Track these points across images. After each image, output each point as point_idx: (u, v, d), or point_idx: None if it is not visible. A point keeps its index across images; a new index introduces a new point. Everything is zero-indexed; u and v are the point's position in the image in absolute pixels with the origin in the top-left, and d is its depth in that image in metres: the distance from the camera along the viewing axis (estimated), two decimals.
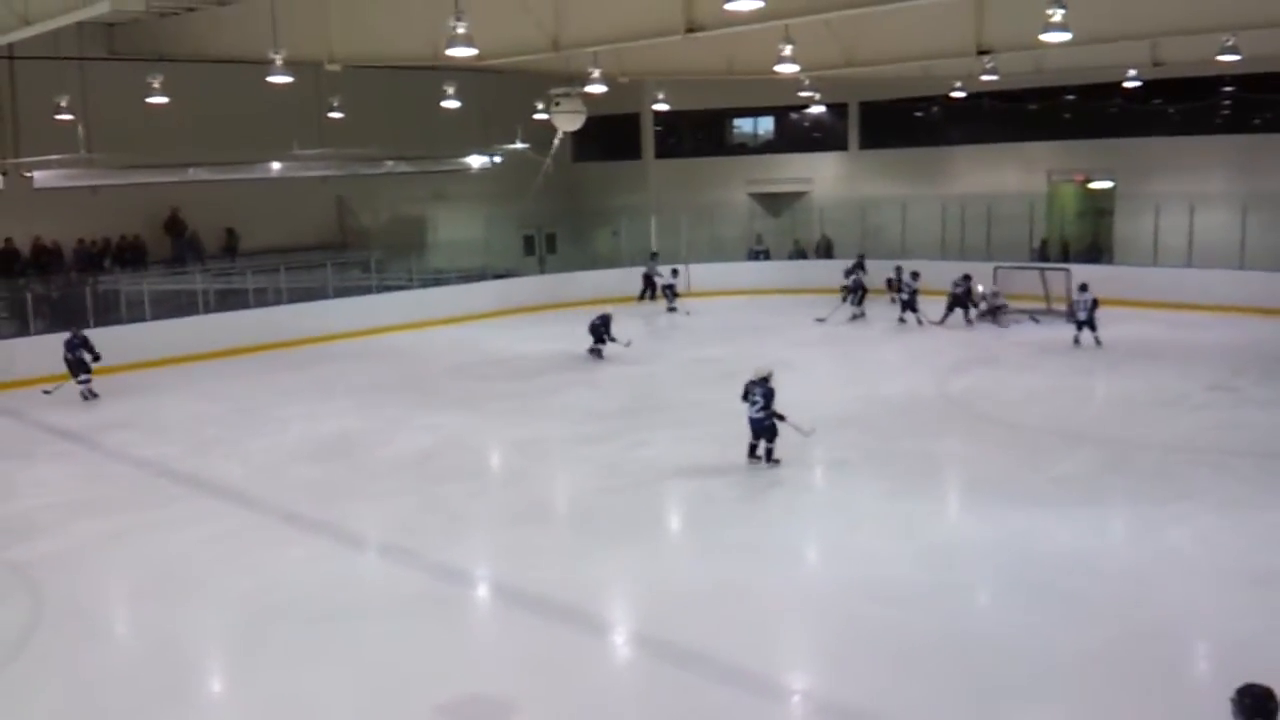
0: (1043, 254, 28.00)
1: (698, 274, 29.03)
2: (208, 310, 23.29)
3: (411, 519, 12.11)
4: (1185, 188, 25.80)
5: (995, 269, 24.46)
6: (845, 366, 19.91)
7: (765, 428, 13.31)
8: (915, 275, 24.01)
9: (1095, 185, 29.99)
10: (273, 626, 9.36)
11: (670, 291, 27.04)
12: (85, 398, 18.32)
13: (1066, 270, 23.62)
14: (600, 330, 21.08)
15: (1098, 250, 28.70)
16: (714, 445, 14.63)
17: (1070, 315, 21.38)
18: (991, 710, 7.65)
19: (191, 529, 11.98)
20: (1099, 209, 30.01)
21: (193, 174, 25.18)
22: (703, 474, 13.56)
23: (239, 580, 10.44)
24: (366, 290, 26.06)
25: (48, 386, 18.35)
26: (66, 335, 18.55)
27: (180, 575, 10.66)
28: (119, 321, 21.98)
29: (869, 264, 26.41)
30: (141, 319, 22.17)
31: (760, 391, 13.23)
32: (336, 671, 8.46)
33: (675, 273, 27.49)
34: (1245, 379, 17.68)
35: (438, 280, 28.09)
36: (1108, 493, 12.27)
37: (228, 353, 22.10)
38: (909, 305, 23.89)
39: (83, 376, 18.36)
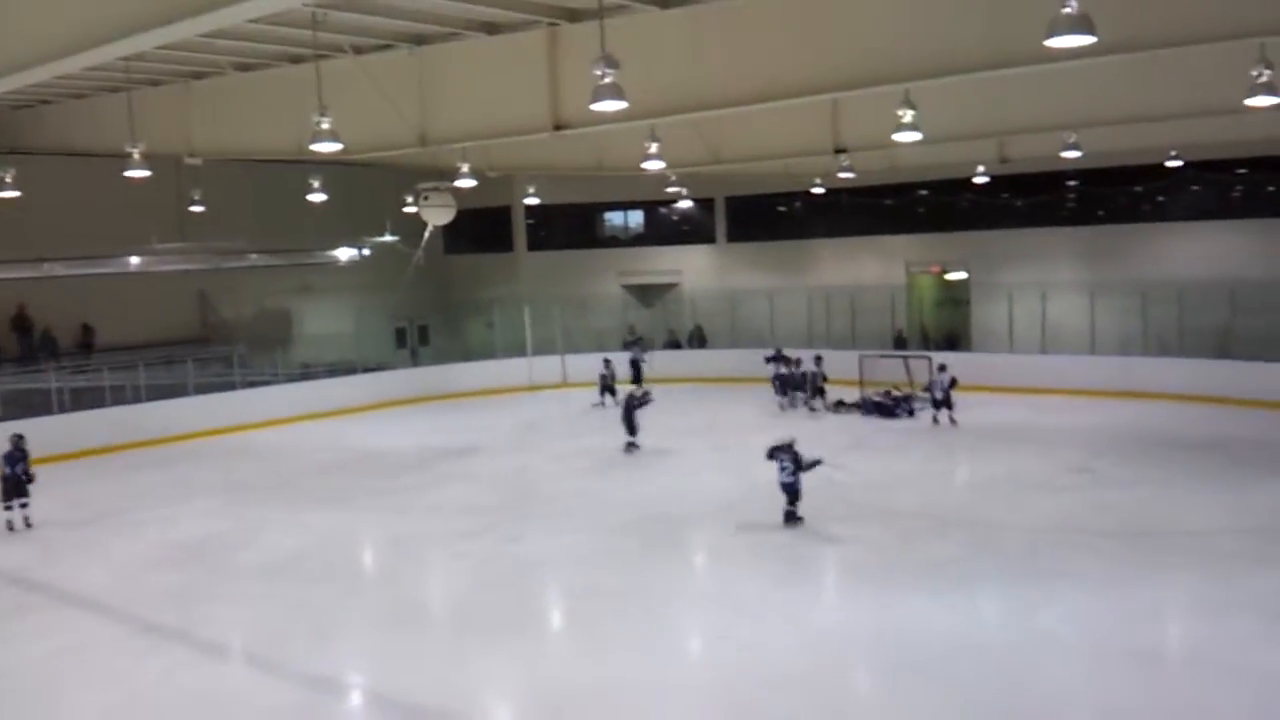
0: (901, 342, 28.79)
1: (573, 365, 29.08)
2: (62, 410, 22.30)
3: (278, 625, 11.66)
4: (1036, 277, 27.05)
5: (860, 357, 25.05)
6: (720, 455, 20.03)
7: (794, 490, 14.46)
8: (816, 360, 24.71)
9: (951, 276, 31.18)
10: None
11: (606, 380, 26.06)
12: (12, 527, 15.88)
13: (928, 358, 24.34)
14: (633, 412, 20.37)
15: (954, 338, 29.71)
16: (591, 536, 14.56)
17: (932, 399, 22.12)
18: None
19: (46, 640, 11.40)
20: (955, 298, 31.17)
21: (47, 269, 24.28)
22: (582, 567, 13.42)
23: (97, 694, 9.92)
24: (230, 386, 25.35)
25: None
26: (7, 447, 16.00)
27: (35, 690, 10.13)
28: None
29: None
30: None
31: (788, 456, 14.41)
32: None
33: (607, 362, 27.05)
34: (1104, 460, 18.33)
35: (305, 375, 27.54)
36: (980, 575, 12.50)
37: (84, 453, 21.18)
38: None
39: (23, 500, 15.96)
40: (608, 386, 25.71)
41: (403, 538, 15.11)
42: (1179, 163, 24.58)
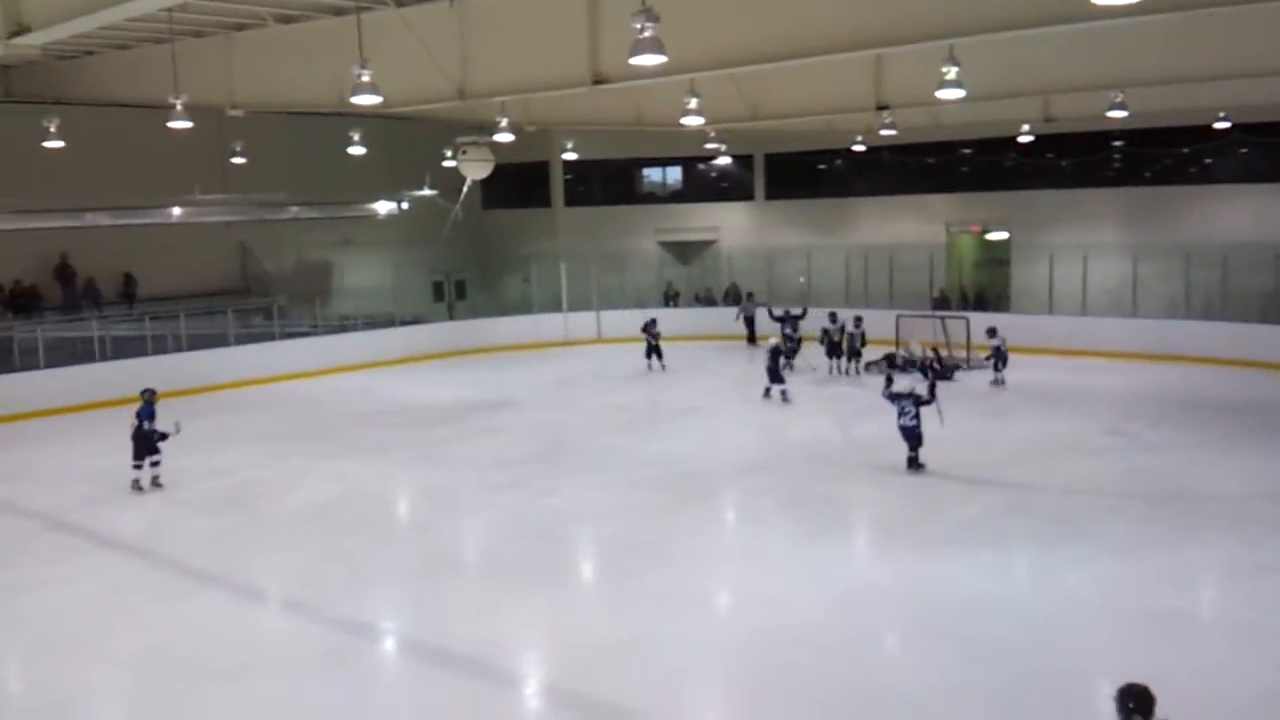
0: (942, 303, 28.59)
1: (608, 321, 29.15)
2: (104, 358, 22.63)
3: (314, 571, 11.84)
4: (1078, 238, 26.70)
5: (897, 317, 24.92)
6: (751, 412, 20.08)
7: (916, 435, 14.89)
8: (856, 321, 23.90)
9: (992, 236, 30.88)
10: (170, 685, 9.06)
11: (651, 342, 24.83)
12: (140, 487, 15.12)
13: (965, 319, 24.17)
14: (778, 361, 20.59)
15: (986, 300, 29.42)
16: (623, 492, 14.67)
17: (996, 360, 21.89)
18: None
19: (84, 584, 11.60)
20: (996, 259, 30.90)
21: (90, 219, 24.59)
22: (612, 521, 13.54)
23: (135, 637, 10.12)
24: (270, 337, 25.64)
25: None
26: (139, 404, 15.30)
27: (73, 632, 10.30)
28: (12, 369, 21.34)
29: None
30: (35, 367, 21.50)
31: (910, 401, 14.87)
32: None
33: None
34: (1138, 423, 18.22)
35: (344, 327, 27.77)
36: (1009, 536, 12.51)
37: (125, 401, 21.39)
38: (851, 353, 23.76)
39: (154, 459, 15.27)
40: (654, 348, 24.74)
41: (437, 489, 15.29)
42: (1226, 124, 24.14)
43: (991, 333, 21.97)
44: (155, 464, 15.29)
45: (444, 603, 10.83)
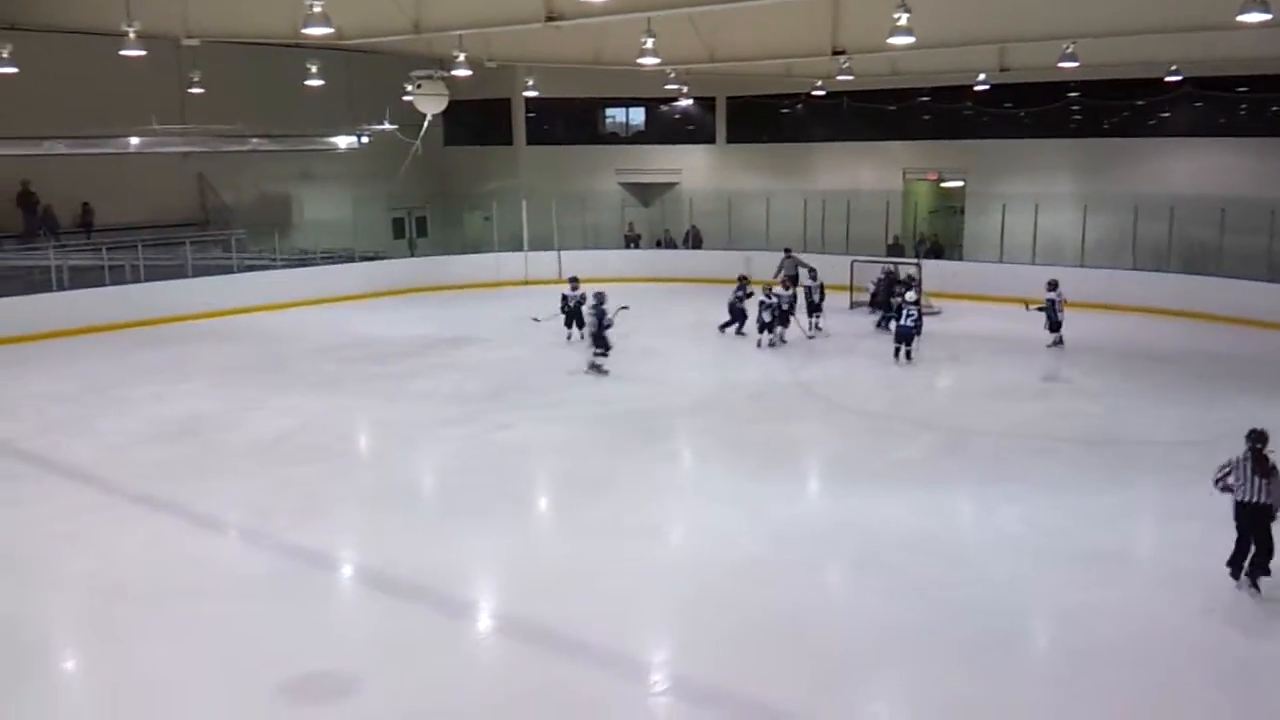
0: (896, 249, 28.87)
1: (568, 261, 29.26)
2: (61, 287, 22.55)
3: (264, 500, 12.05)
4: (1033, 188, 27.03)
5: (852, 263, 25.21)
6: (706, 354, 20.40)
7: (911, 333, 18.70)
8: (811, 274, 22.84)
9: (947, 184, 31.16)
10: (118, 606, 9.29)
11: (567, 303, 21.48)
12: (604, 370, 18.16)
13: (918, 265, 24.49)
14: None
15: (940, 247, 29.71)
16: (575, 427, 15.01)
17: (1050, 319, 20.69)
18: (833, 678, 8.10)
19: (35, 508, 11.77)
20: (951, 206, 31.21)
21: (47, 147, 24.28)
22: (564, 455, 13.89)
23: (84, 560, 10.31)
24: (228, 269, 25.61)
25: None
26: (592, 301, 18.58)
27: (22, 554, 10.49)
28: None
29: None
30: None
31: (914, 307, 18.64)
32: (181, 650, 8.46)
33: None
34: (1077, 370, 18.68)
35: (303, 261, 27.73)
36: (945, 476, 12.93)
37: (81, 331, 21.53)
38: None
39: (602, 349, 18.29)
40: (573, 312, 21.32)
41: (392, 422, 15.51)
42: (1178, 78, 24.40)
43: (1052, 285, 20.56)
44: (602, 354, 18.24)
45: (393, 531, 11.09)
